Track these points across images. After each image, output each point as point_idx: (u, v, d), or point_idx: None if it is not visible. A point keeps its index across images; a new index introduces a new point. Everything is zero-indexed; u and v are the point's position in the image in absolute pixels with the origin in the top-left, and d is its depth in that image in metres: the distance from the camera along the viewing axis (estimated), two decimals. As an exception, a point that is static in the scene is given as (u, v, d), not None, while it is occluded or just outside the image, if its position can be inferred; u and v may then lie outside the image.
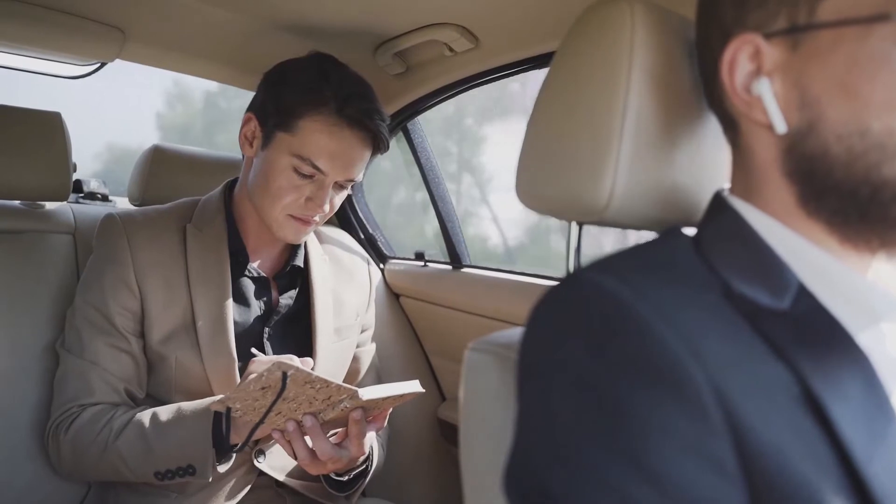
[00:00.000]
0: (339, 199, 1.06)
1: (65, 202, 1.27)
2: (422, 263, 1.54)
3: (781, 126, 0.45)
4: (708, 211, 0.52)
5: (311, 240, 1.16)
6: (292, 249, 1.13)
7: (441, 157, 1.52)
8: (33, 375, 1.09)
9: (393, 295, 1.57)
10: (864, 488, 0.39)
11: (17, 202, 1.24)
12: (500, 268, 1.39)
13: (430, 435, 1.48)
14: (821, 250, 0.47)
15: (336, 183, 1.02)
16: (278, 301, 1.09)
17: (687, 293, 0.44)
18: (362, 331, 1.23)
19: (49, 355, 1.10)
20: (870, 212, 0.44)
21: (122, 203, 1.47)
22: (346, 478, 1.04)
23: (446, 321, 1.43)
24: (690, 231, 0.52)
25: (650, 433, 0.38)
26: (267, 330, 1.07)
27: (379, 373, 1.28)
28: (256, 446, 1.04)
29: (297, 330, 1.10)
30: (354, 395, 0.86)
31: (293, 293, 1.11)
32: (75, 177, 1.34)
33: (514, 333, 0.56)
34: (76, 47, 1.24)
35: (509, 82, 1.32)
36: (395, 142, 1.53)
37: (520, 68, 1.21)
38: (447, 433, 1.45)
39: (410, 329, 1.55)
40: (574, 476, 0.39)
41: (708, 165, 0.56)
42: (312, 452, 0.91)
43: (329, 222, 1.32)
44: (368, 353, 1.25)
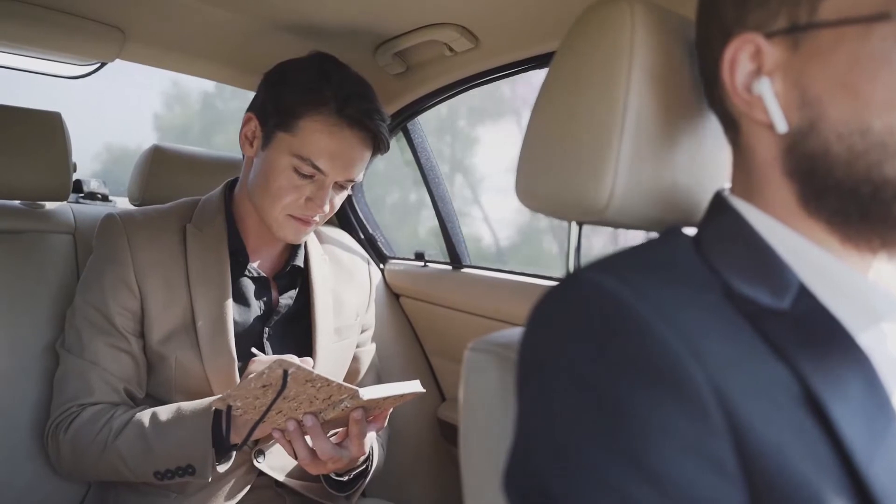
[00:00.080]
0: (340, 200, 1.06)
1: (65, 202, 1.27)
2: (422, 264, 1.54)
3: (782, 125, 0.45)
4: (708, 211, 0.52)
5: (312, 240, 1.16)
6: (292, 249, 1.13)
7: (434, 158, 1.53)
8: (33, 375, 1.09)
9: (393, 295, 1.57)
10: (865, 488, 0.39)
11: (18, 202, 1.24)
12: (499, 268, 1.39)
13: (430, 435, 1.48)
14: (822, 250, 0.47)
15: (336, 183, 1.02)
16: (278, 301, 1.09)
17: (687, 293, 0.44)
18: (362, 331, 1.23)
19: (49, 355, 1.10)
20: (871, 211, 0.44)
21: (122, 203, 1.47)
22: (347, 478, 1.04)
23: (446, 321, 1.43)
24: (691, 231, 0.52)
25: (650, 433, 0.38)
26: (267, 330, 1.07)
27: (379, 373, 1.28)
28: (256, 446, 1.04)
29: (297, 330, 1.10)
30: (355, 395, 0.86)
31: (293, 293, 1.11)
32: (75, 177, 1.34)
33: (514, 333, 0.56)
34: (76, 47, 1.24)
35: (499, 86, 1.32)
36: (391, 142, 1.53)
37: (520, 68, 1.21)
38: (447, 433, 1.45)
39: (410, 329, 1.55)
40: (574, 476, 0.39)
41: (708, 165, 0.56)
42: (313, 452, 0.91)
43: (329, 222, 1.32)
44: (368, 354, 1.25)
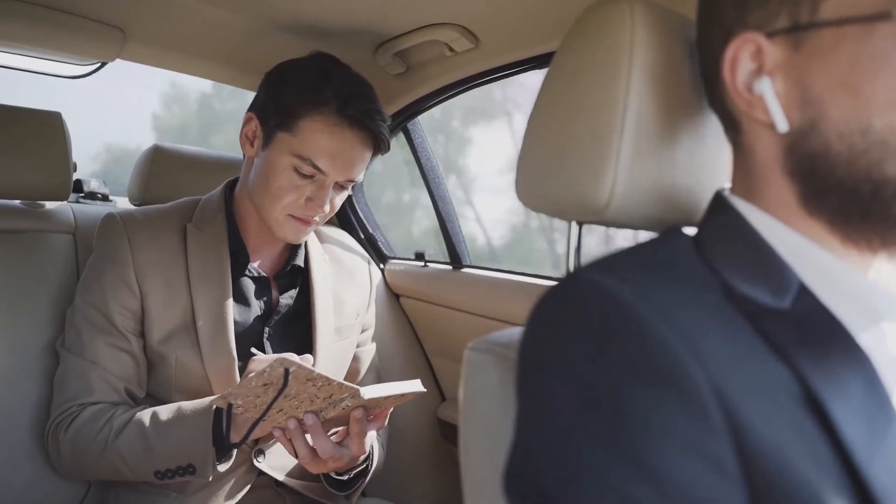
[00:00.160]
0: (340, 200, 1.06)
1: (65, 202, 1.27)
2: (422, 263, 1.54)
3: (783, 125, 0.45)
4: (708, 210, 0.52)
5: (312, 239, 1.16)
6: (293, 249, 1.13)
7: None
8: (33, 375, 1.09)
9: (393, 295, 1.57)
10: (865, 488, 0.39)
11: (18, 202, 1.24)
12: (499, 268, 1.39)
13: (431, 435, 1.48)
14: (822, 249, 0.46)
15: (336, 183, 1.02)
16: (278, 301, 1.09)
17: (687, 293, 0.44)
18: (362, 331, 1.23)
19: (49, 355, 1.10)
20: (871, 210, 0.44)
21: (123, 203, 1.47)
22: (347, 477, 1.04)
23: (446, 321, 1.43)
24: (691, 231, 0.52)
25: (650, 433, 0.38)
26: (267, 329, 1.07)
27: (379, 373, 1.28)
28: (256, 446, 1.04)
29: (298, 330, 1.10)
30: (356, 394, 0.86)
31: (293, 293, 1.11)
32: (75, 176, 1.34)
33: (514, 333, 0.56)
34: (76, 47, 1.24)
35: (490, 87, 1.33)
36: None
37: (520, 68, 1.21)
38: (447, 433, 1.45)
39: (410, 329, 1.55)
40: (574, 475, 0.39)
41: (708, 165, 0.56)
42: (313, 451, 0.91)
43: (329, 222, 1.32)
44: (368, 353, 1.25)
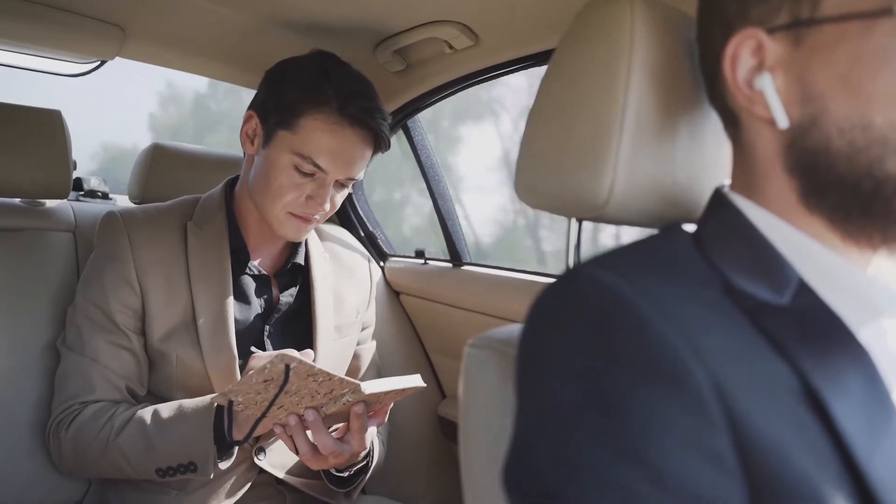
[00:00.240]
0: (340, 198, 1.06)
1: (65, 200, 1.27)
2: (422, 261, 1.54)
3: (783, 121, 0.45)
4: (708, 207, 0.52)
5: (312, 237, 1.16)
6: (293, 247, 1.13)
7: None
8: (33, 373, 1.09)
9: (393, 293, 1.57)
10: (865, 484, 0.39)
11: (18, 200, 1.24)
12: (499, 265, 1.40)
13: (431, 432, 1.48)
14: (822, 246, 0.46)
15: (337, 181, 1.02)
16: (279, 299, 1.09)
17: (687, 289, 0.44)
18: (363, 328, 1.23)
19: (49, 353, 1.10)
20: (872, 207, 0.44)
21: (122, 201, 1.47)
22: (347, 474, 1.04)
23: (446, 319, 1.43)
24: (690, 227, 0.52)
25: (650, 429, 0.38)
26: (267, 328, 1.07)
27: (379, 370, 1.28)
28: (257, 443, 1.04)
29: (298, 327, 1.10)
30: (357, 389, 0.86)
31: (294, 291, 1.11)
32: (75, 175, 1.34)
33: (514, 329, 0.56)
34: (76, 45, 1.24)
35: (476, 89, 1.34)
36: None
37: (520, 66, 1.21)
38: (447, 430, 1.46)
39: (411, 327, 1.55)
40: (574, 471, 0.39)
41: (708, 162, 0.56)
42: (314, 447, 0.91)
43: (329, 220, 1.32)
44: (369, 351, 1.25)
